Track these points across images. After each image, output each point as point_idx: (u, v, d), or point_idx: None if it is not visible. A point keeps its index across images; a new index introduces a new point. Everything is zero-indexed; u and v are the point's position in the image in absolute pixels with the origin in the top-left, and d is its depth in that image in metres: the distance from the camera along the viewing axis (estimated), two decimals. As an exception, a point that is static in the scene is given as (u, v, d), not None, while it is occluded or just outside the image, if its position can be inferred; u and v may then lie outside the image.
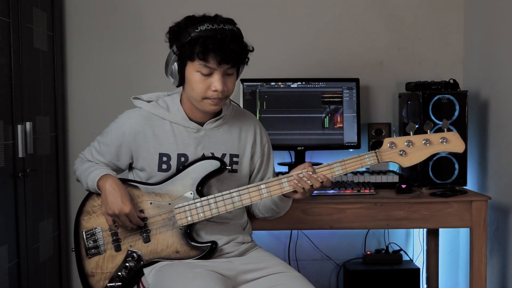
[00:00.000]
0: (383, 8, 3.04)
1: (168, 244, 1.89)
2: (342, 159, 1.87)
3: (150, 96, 2.02)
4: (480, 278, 2.42)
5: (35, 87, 2.58)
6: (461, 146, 1.84)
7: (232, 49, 1.77)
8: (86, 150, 2.06)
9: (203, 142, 1.93)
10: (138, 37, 2.97)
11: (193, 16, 1.84)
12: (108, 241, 1.91)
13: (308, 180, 1.85)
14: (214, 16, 1.84)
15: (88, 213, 1.94)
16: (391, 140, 1.85)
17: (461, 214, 2.42)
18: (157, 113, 1.94)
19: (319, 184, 1.86)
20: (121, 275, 1.89)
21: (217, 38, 1.75)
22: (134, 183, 1.93)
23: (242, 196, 1.86)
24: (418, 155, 1.84)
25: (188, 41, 1.77)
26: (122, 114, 1.99)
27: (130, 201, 1.86)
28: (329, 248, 3.06)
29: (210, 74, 1.81)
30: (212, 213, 1.86)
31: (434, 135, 1.84)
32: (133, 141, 1.94)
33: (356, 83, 2.82)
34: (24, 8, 2.43)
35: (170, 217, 1.88)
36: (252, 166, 2.04)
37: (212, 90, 1.82)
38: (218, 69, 1.80)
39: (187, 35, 1.78)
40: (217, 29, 1.77)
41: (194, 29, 1.77)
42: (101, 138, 2.01)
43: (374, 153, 1.85)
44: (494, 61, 2.73)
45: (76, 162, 2.08)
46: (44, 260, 2.65)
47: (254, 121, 2.07)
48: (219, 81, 1.81)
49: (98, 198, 1.93)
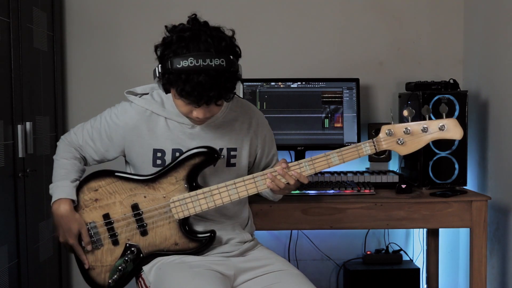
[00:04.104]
0: (383, 8, 3.04)
1: (166, 237, 1.88)
2: (339, 149, 1.83)
3: (144, 88, 1.98)
4: (480, 278, 2.42)
5: (35, 87, 2.58)
6: (459, 133, 1.79)
7: (212, 95, 1.67)
8: (78, 132, 1.99)
9: (199, 137, 1.90)
10: (138, 37, 2.97)
11: (181, 37, 1.68)
12: (105, 236, 1.90)
13: (282, 178, 1.83)
14: (205, 40, 1.67)
15: (80, 207, 1.91)
16: (389, 127, 1.81)
17: (461, 214, 2.42)
18: (152, 108, 1.89)
19: (293, 181, 1.83)
20: (121, 268, 1.89)
21: (198, 81, 1.64)
22: (127, 175, 1.90)
23: (239, 188, 1.85)
24: (416, 143, 1.81)
25: (169, 72, 1.67)
26: (118, 105, 1.95)
27: (76, 231, 1.87)
28: (329, 248, 3.06)
29: (191, 103, 1.72)
30: (209, 206, 1.85)
31: (432, 121, 1.80)
32: (127, 136, 1.91)
33: (356, 83, 2.82)
34: (24, 8, 2.43)
35: (166, 210, 1.87)
36: (251, 158, 2.00)
37: (194, 116, 1.76)
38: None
39: (169, 65, 1.66)
40: (201, 68, 1.63)
41: (176, 62, 1.65)
42: (95, 124, 1.96)
43: (371, 142, 1.83)
44: (494, 61, 2.73)
45: (60, 144, 2.02)
46: (44, 260, 2.65)
47: (252, 111, 2.01)
48: (200, 111, 1.74)
49: (89, 191, 1.90)
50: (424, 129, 1.80)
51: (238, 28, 1.81)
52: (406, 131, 1.81)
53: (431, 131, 1.80)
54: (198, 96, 1.67)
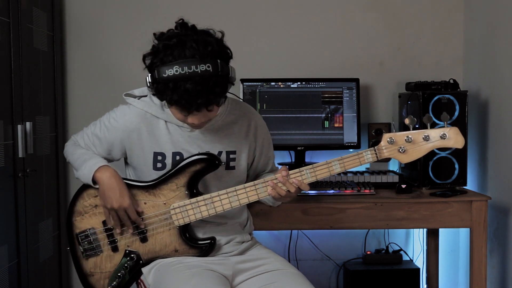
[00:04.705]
0: (383, 8, 3.04)
1: (166, 244, 1.87)
2: (341, 157, 1.83)
3: (143, 91, 1.96)
4: (480, 278, 2.42)
5: (35, 87, 2.58)
6: (461, 142, 1.80)
7: (200, 103, 1.65)
8: (79, 135, 2.00)
9: (198, 140, 1.89)
10: (139, 37, 2.96)
11: (167, 45, 1.67)
12: (104, 242, 1.89)
13: (283, 186, 1.81)
14: (191, 46, 1.65)
15: (80, 213, 1.90)
16: (391, 135, 1.81)
17: (461, 214, 2.42)
18: (151, 111, 1.88)
19: (294, 189, 1.81)
20: (120, 274, 1.88)
21: (185, 89, 1.62)
22: (127, 181, 1.89)
23: (240, 195, 1.83)
24: (417, 152, 1.81)
25: (157, 82, 1.66)
26: (117, 109, 1.94)
27: (129, 196, 1.83)
28: (329, 248, 3.06)
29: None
30: (209, 213, 1.84)
31: (434, 130, 1.80)
32: (127, 140, 1.90)
33: (356, 83, 2.82)
34: (24, 8, 2.43)
35: (166, 217, 1.86)
36: (249, 160, 1.99)
37: (189, 122, 1.75)
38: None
39: (156, 75, 1.65)
40: (187, 75, 1.61)
41: (162, 72, 1.64)
42: (94, 129, 1.95)
43: (373, 150, 1.82)
44: (494, 61, 2.73)
45: (68, 144, 2.02)
46: (44, 260, 2.65)
47: (251, 114, 1.99)
48: (195, 117, 1.73)
49: (88, 197, 1.89)
50: (425, 137, 1.81)
51: (238, 28, 1.82)
52: (408, 139, 1.81)
53: (432, 139, 1.80)
54: (186, 104, 1.66)
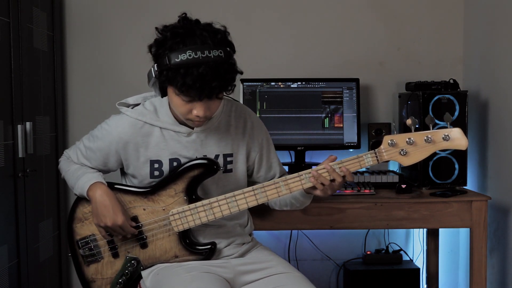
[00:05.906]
0: (383, 8, 3.04)
1: (166, 250, 1.86)
2: (340, 160, 1.79)
3: (137, 99, 1.94)
4: (480, 278, 2.42)
5: (35, 87, 2.58)
6: (464, 143, 1.72)
7: (214, 86, 1.63)
8: (72, 150, 1.98)
9: (195, 145, 1.86)
10: (139, 37, 2.96)
11: (176, 33, 1.67)
12: (105, 248, 1.89)
13: (329, 175, 1.76)
14: (201, 34, 1.65)
15: (80, 220, 1.90)
16: (391, 137, 1.75)
17: (461, 214, 2.42)
18: (145, 119, 1.84)
19: (340, 179, 1.76)
20: (121, 281, 1.87)
21: (198, 73, 1.60)
22: (125, 187, 1.88)
23: (239, 201, 1.81)
24: (419, 154, 1.75)
25: (167, 69, 1.64)
26: (109, 120, 1.89)
27: (122, 211, 1.81)
28: (329, 248, 3.06)
29: (191, 101, 1.70)
30: (209, 219, 1.82)
31: (436, 131, 1.74)
32: (122, 150, 1.86)
33: (356, 83, 2.82)
34: (24, 8, 2.43)
35: (166, 223, 1.84)
36: (250, 163, 1.97)
37: (194, 114, 1.72)
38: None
39: (166, 61, 1.64)
40: (200, 59, 1.60)
41: (174, 56, 1.62)
42: (88, 143, 1.92)
43: (373, 154, 1.77)
44: (494, 61, 2.73)
45: (61, 161, 2.01)
46: (44, 260, 2.65)
47: (247, 114, 1.96)
48: (201, 108, 1.70)
49: (88, 204, 1.87)
50: (428, 139, 1.73)
51: (238, 28, 1.81)
52: (409, 141, 1.74)
53: (435, 141, 1.74)
54: (200, 89, 1.63)
